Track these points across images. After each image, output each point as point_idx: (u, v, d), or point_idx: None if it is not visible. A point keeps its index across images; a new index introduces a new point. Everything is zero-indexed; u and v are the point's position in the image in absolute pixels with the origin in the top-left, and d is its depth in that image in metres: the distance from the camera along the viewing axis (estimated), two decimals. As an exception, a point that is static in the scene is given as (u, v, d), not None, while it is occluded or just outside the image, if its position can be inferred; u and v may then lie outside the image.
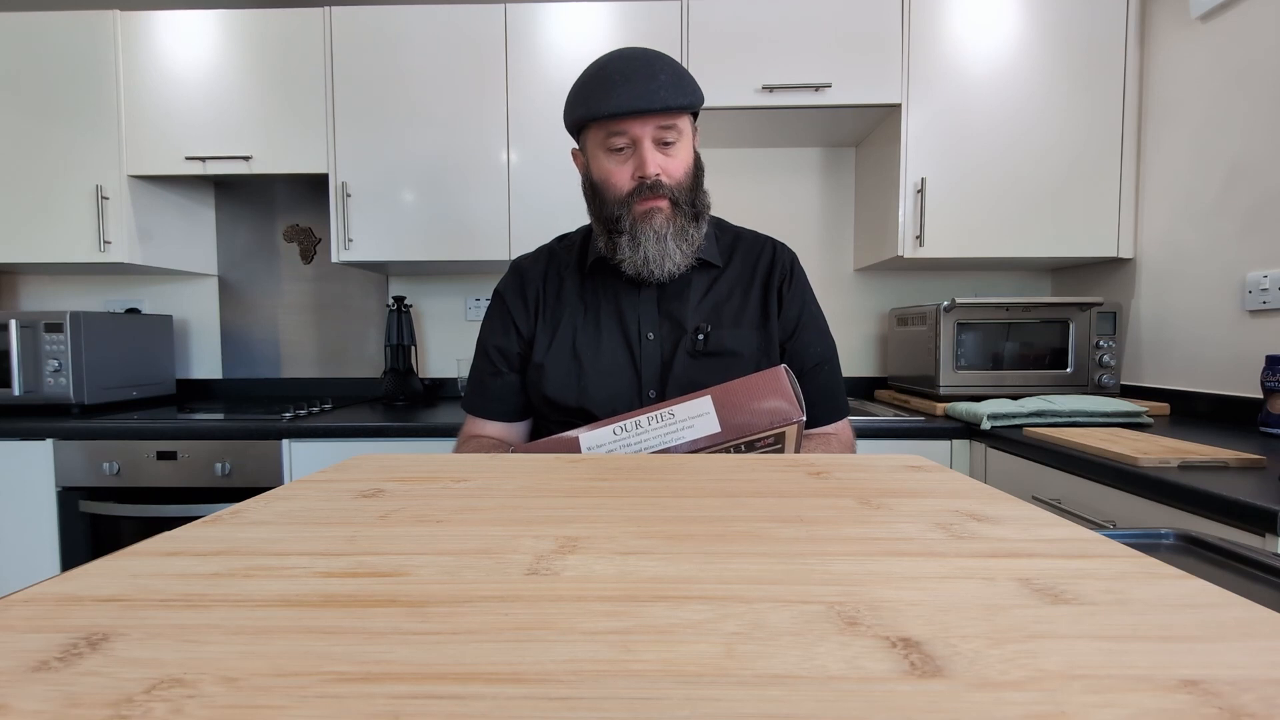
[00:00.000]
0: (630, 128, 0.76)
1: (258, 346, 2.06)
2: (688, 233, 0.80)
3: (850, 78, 1.61)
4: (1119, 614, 0.22)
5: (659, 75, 0.75)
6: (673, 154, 0.79)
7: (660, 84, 0.74)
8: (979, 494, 0.39)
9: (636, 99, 0.73)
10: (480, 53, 1.67)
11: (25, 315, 1.63)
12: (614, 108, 0.74)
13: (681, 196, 0.79)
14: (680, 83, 0.76)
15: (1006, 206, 1.62)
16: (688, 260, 0.81)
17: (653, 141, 0.77)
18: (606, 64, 0.77)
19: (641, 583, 0.25)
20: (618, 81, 0.74)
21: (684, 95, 0.76)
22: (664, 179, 0.78)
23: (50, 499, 1.48)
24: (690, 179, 0.80)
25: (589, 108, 0.76)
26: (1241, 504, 0.79)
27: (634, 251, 0.79)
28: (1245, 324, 1.34)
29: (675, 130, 0.77)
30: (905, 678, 0.18)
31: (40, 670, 0.18)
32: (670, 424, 0.53)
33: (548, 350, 0.84)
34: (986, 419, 1.33)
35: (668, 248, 0.78)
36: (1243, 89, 1.35)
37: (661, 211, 0.78)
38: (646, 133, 0.76)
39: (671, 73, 0.76)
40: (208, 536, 0.31)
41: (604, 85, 0.75)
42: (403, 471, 0.46)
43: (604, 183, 0.80)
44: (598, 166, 0.80)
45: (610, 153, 0.78)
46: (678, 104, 0.75)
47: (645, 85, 0.74)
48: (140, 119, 1.70)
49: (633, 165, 0.78)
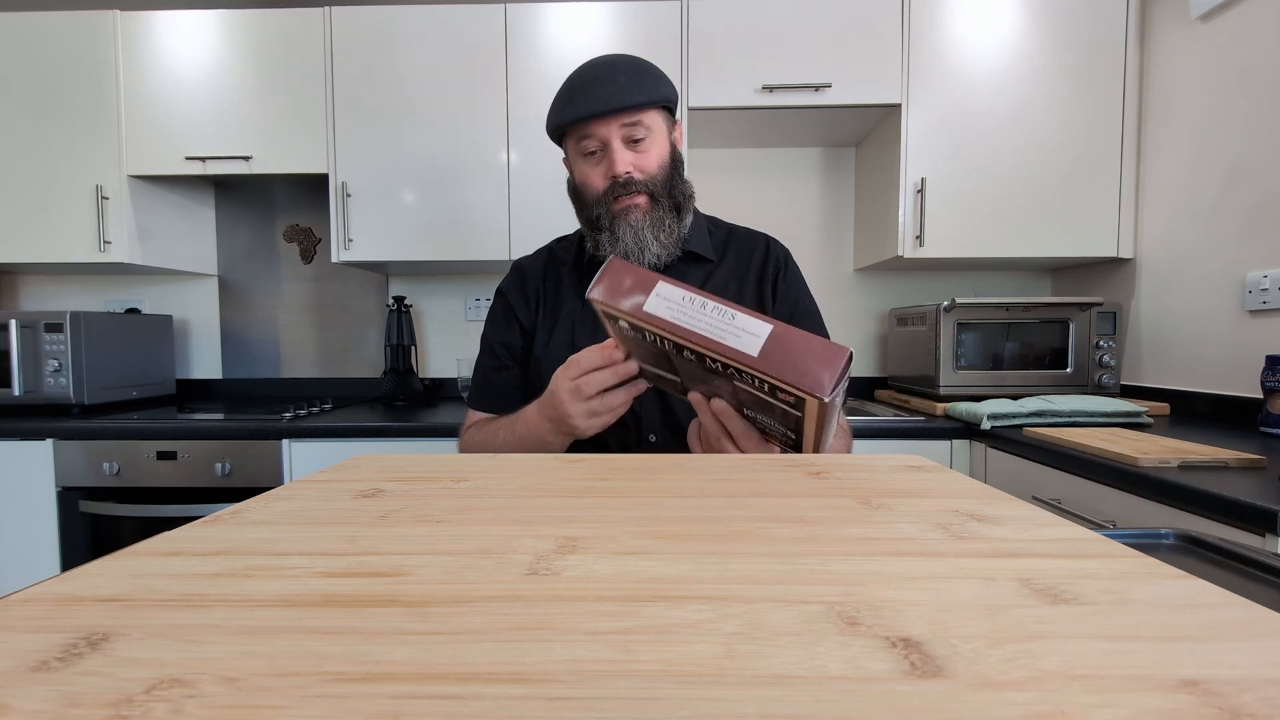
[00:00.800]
0: (596, 130, 0.79)
1: (258, 346, 2.07)
2: (666, 224, 0.82)
3: (850, 78, 1.61)
4: (1119, 614, 0.22)
5: (617, 77, 0.78)
6: (644, 149, 0.81)
7: (618, 86, 0.78)
8: (979, 494, 0.39)
9: (593, 103, 0.77)
10: (480, 53, 1.67)
11: (25, 315, 1.63)
12: (573, 114, 0.79)
13: (658, 189, 0.82)
14: (638, 81, 0.79)
15: (1006, 207, 1.62)
16: (669, 251, 0.83)
17: (621, 141, 0.80)
18: (573, 75, 0.82)
19: (641, 583, 0.25)
20: (580, 89, 0.79)
21: (641, 93, 0.78)
22: (636, 175, 0.80)
23: (50, 499, 1.48)
24: (665, 171, 0.83)
25: (557, 117, 0.81)
26: (1241, 504, 0.79)
27: (613, 246, 0.82)
28: (1245, 324, 1.34)
29: (643, 127, 0.80)
30: (905, 678, 0.18)
31: (40, 670, 0.18)
32: (726, 322, 0.53)
33: (547, 344, 0.86)
34: (986, 419, 1.33)
35: (645, 239, 0.81)
36: (1243, 89, 1.35)
37: (638, 207, 0.81)
38: (613, 133, 0.79)
39: (630, 73, 0.79)
40: (208, 536, 0.31)
41: (569, 94, 0.80)
42: (403, 471, 0.46)
43: (583, 185, 0.84)
44: (577, 170, 0.85)
45: (584, 156, 0.82)
46: (634, 102, 0.78)
47: (604, 89, 0.78)
48: (140, 119, 1.70)
49: (605, 166, 0.81)
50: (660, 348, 0.59)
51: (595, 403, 0.64)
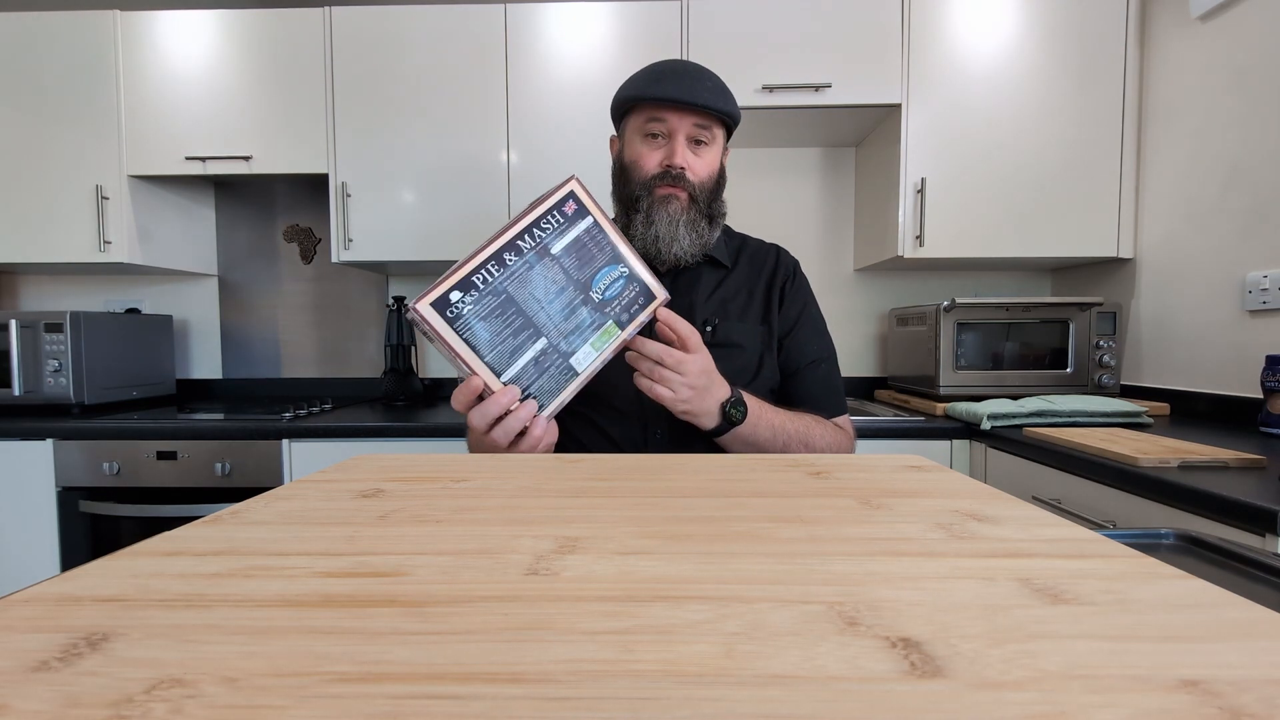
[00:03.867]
0: (670, 117, 0.81)
1: (258, 346, 2.06)
2: (699, 226, 0.84)
3: (850, 78, 1.61)
4: (1119, 614, 0.22)
5: (706, 80, 0.81)
6: (702, 155, 0.84)
7: (706, 87, 0.81)
8: (979, 494, 0.39)
9: (682, 91, 0.79)
10: (480, 53, 1.67)
11: (25, 315, 1.63)
12: (660, 93, 0.80)
13: (700, 195, 0.84)
14: (722, 91, 0.83)
15: (1006, 206, 1.61)
16: (695, 252, 0.85)
17: (686, 137, 0.82)
18: (661, 63, 0.85)
19: (641, 583, 0.25)
20: (668, 75, 0.81)
21: (725, 102, 0.82)
22: (688, 174, 0.82)
23: (50, 499, 1.48)
24: (712, 182, 0.85)
25: (637, 90, 0.82)
26: (1241, 504, 0.79)
27: (646, 229, 0.83)
28: (1245, 324, 1.34)
29: (709, 133, 0.83)
30: (905, 678, 0.18)
31: (40, 670, 0.18)
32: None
33: None
34: (986, 419, 1.33)
35: (678, 232, 0.82)
36: (1242, 89, 1.35)
37: (679, 200, 0.83)
38: (683, 126, 0.81)
39: (716, 82, 0.83)
40: (208, 536, 0.31)
41: (654, 76, 0.82)
42: (403, 471, 0.46)
43: (633, 164, 0.85)
44: (631, 149, 0.85)
45: (645, 137, 0.84)
46: (718, 106, 0.81)
47: (693, 83, 0.80)
48: (140, 119, 1.70)
49: (663, 154, 0.83)
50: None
51: (498, 435, 0.64)
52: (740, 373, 0.83)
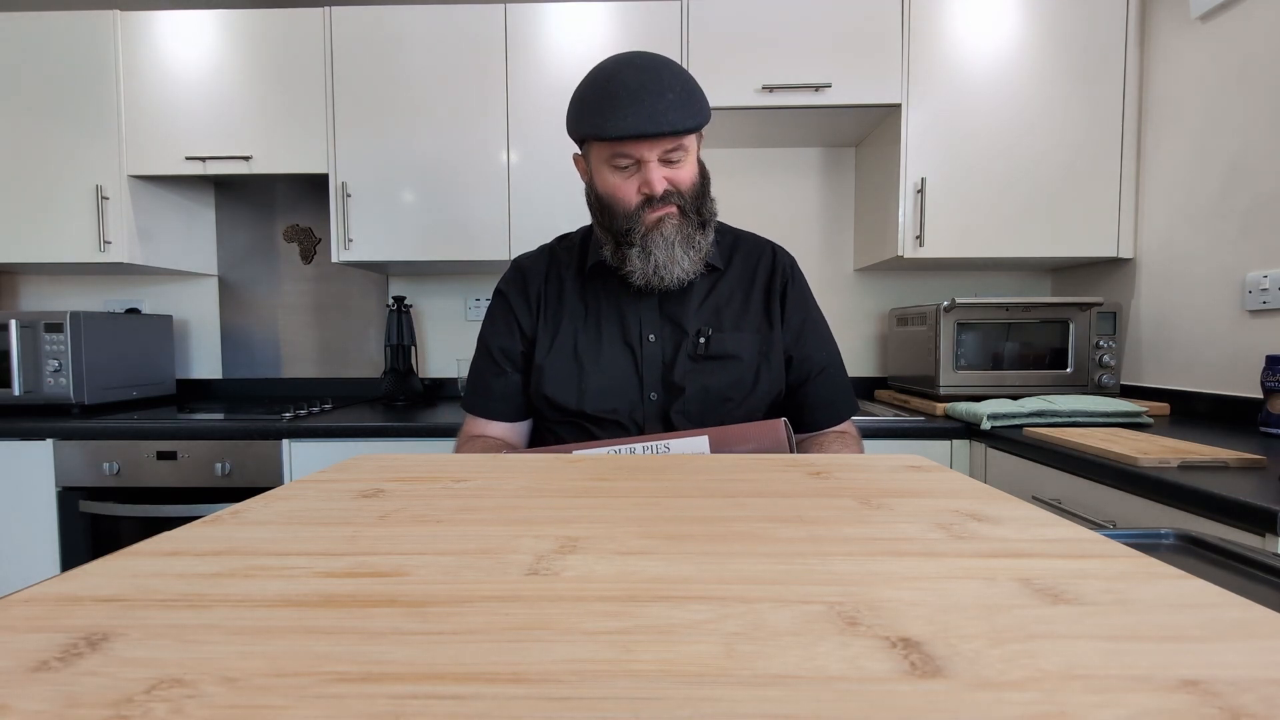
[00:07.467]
0: (636, 150, 0.74)
1: (258, 346, 2.06)
2: (694, 240, 0.80)
3: (850, 78, 1.61)
4: (1119, 614, 0.22)
5: (666, 94, 0.72)
6: (679, 166, 0.78)
7: (668, 104, 0.71)
8: (979, 494, 0.39)
9: (643, 122, 0.71)
10: (480, 53, 1.67)
11: (25, 315, 1.63)
12: (619, 130, 0.71)
13: (689, 204, 0.79)
14: (689, 101, 0.73)
15: (1006, 207, 1.61)
16: (695, 268, 0.81)
17: (658, 159, 0.76)
18: (614, 75, 0.73)
19: (641, 583, 0.25)
20: (624, 100, 0.71)
21: (691, 117, 0.74)
22: (671, 189, 0.77)
23: (50, 499, 1.48)
24: (697, 187, 0.80)
25: (595, 126, 0.73)
26: (1241, 504, 0.79)
27: (644, 262, 0.78)
28: (1245, 324, 1.34)
29: (681, 149, 0.76)
30: (905, 678, 0.18)
31: (40, 670, 0.18)
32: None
33: (549, 352, 0.84)
34: (986, 419, 1.33)
35: (675, 254, 0.78)
36: (1242, 89, 1.35)
37: (671, 218, 0.78)
38: (653, 154, 0.75)
39: (680, 89, 0.73)
40: (208, 536, 0.31)
41: (610, 102, 0.72)
42: (403, 471, 0.46)
43: (611, 197, 0.79)
44: (602, 180, 0.79)
45: (615, 169, 0.77)
46: (685, 127, 0.73)
47: (653, 106, 0.71)
48: (140, 119, 1.70)
49: (638, 181, 0.77)
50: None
51: None
52: (736, 385, 0.81)
